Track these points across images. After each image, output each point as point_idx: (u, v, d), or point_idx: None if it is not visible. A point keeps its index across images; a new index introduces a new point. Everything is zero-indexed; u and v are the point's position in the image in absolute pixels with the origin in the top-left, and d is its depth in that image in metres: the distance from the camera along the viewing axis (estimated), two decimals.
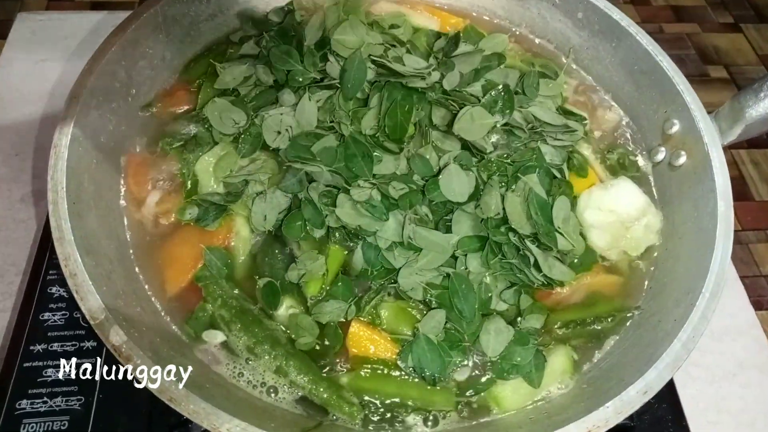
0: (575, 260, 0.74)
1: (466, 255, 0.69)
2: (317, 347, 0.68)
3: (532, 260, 0.68)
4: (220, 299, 0.67)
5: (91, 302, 0.59)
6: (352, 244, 0.71)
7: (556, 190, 0.73)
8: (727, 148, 0.76)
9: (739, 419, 0.83)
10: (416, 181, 0.71)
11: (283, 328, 0.69)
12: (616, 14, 0.85)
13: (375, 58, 0.76)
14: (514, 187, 0.71)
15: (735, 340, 0.89)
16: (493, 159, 0.73)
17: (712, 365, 0.87)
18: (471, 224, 0.69)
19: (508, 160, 0.73)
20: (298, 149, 0.71)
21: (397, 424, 0.65)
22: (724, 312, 0.89)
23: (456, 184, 0.69)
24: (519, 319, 0.69)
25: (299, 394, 0.65)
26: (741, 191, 2.23)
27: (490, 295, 0.70)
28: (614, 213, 0.76)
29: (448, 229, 0.69)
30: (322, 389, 0.64)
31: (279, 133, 0.74)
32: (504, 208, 0.70)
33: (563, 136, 0.80)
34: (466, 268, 0.69)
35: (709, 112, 0.78)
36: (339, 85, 0.76)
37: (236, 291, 0.70)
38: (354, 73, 0.74)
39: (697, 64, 2.55)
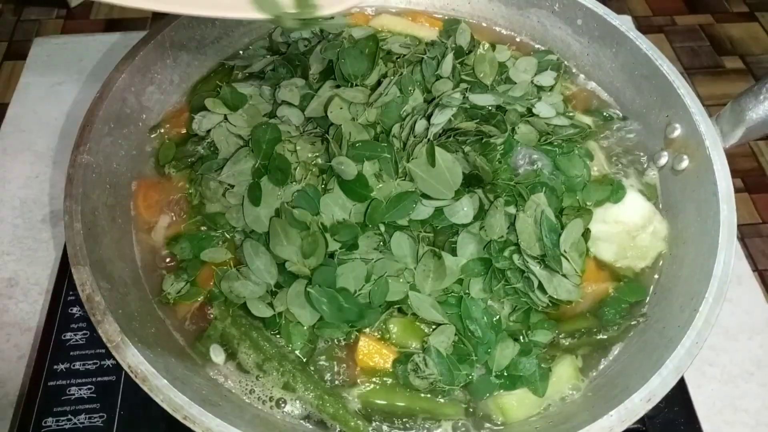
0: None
1: (470, 279, 0.69)
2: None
3: (536, 283, 0.67)
4: (229, 318, 0.69)
5: (107, 325, 0.61)
6: None
7: (572, 211, 0.72)
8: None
9: (758, 419, 0.81)
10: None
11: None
12: (615, 20, 0.86)
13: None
14: (523, 207, 0.70)
15: (751, 338, 0.87)
16: (498, 182, 0.73)
17: (728, 364, 0.85)
18: (476, 247, 0.69)
19: (512, 182, 0.73)
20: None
21: None
22: (739, 309, 0.88)
23: (459, 205, 0.69)
24: (528, 332, 0.69)
25: (307, 409, 0.67)
26: (760, 183, 2.18)
27: (498, 316, 0.69)
28: (620, 223, 0.76)
29: (453, 252, 0.69)
30: (328, 404, 0.65)
31: None
32: (510, 229, 0.69)
33: (575, 136, 0.80)
34: (468, 293, 0.68)
35: (723, 105, 0.77)
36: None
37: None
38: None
39: (711, 55, 2.47)
